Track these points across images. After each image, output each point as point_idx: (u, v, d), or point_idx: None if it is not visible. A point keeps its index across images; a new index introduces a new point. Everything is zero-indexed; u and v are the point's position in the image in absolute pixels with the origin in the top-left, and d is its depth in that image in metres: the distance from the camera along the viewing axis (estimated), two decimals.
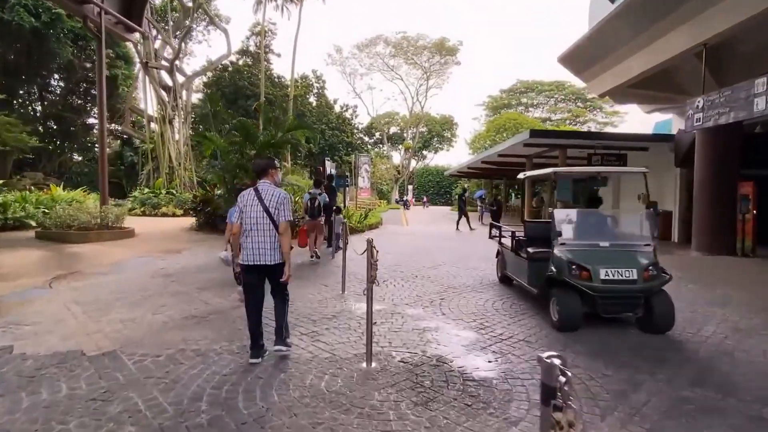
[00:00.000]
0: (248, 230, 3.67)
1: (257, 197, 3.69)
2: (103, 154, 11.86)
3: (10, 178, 29.29)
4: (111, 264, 8.36)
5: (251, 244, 3.65)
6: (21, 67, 28.03)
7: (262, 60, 27.62)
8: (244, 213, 3.71)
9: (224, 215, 13.50)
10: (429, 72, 46.26)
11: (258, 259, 3.64)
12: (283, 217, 3.70)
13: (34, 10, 25.01)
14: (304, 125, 13.63)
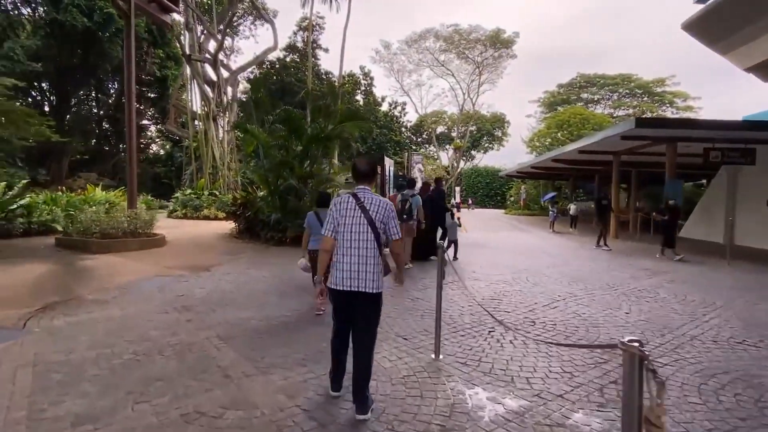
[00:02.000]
0: (344, 247, 2.89)
1: (359, 207, 2.91)
2: (131, 149, 10.18)
3: (67, 178, 29.39)
4: (120, 286, 6.44)
5: (347, 265, 2.86)
6: (75, 69, 27.77)
7: (309, 55, 25.88)
8: (342, 226, 2.92)
9: (266, 220, 11.61)
10: (481, 66, 43.16)
11: (355, 285, 2.84)
12: (394, 235, 2.99)
13: (87, 11, 24.51)
14: (357, 116, 11.44)
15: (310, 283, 6.85)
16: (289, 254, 9.55)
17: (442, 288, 4.09)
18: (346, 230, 2.89)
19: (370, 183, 3.08)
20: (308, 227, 5.45)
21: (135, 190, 10.58)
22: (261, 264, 8.36)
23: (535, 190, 35.66)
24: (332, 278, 2.92)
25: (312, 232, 5.39)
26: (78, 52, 26.73)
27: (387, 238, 3.01)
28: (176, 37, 21.41)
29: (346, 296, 2.87)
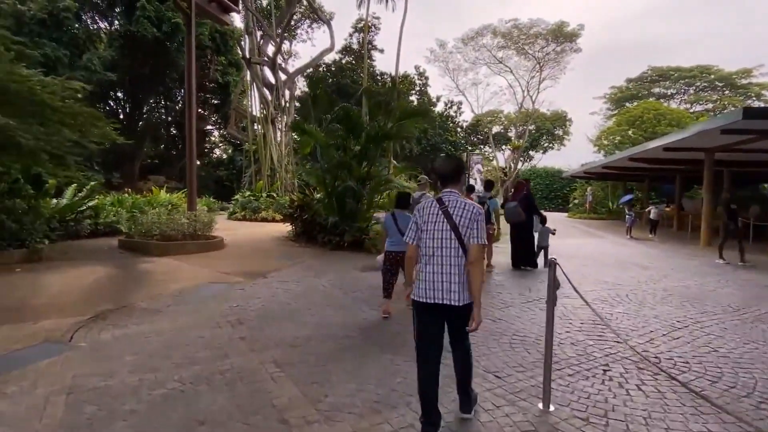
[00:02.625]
0: (428, 255, 2.61)
1: (443, 212, 2.59)
2: (191, 151, 10.02)
3: (137, 181, 31.03)
4: (174, 293, 6.04)
5: (431, 276, 2.58)
6: (146, 77, 29.18)
7: (365, 56, 25.42)
8: (425, 232, 2.64)
9: (324, 223, 11.08)
10: (542, 62, 40.88)
11: (439, 296, 2.56)
12: (476, 239, 2.56)
13: (157, 21, 25.60)
14: (418, 112, 10.64)
15: (371, 294, 6.14)
16: (347, 260, 8.92)
17: (553, 311, 3.15)
18: (428, 237, 2.64)
19: (456, 185, 2.74)
20: (384, 228, 5.42)
21: (195, 192, 10.43)
22: (319, 271, 7.76)
23: (602, 192, 33.06)
24: (416, 289, 2.67)
25: (388, 234, 5.36)
26: (148, 62, 28.07)
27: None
28: (237, 41, 21.73)
29: (430, 309, 2.63)
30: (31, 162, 9.22)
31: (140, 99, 31.87)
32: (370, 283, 6.82)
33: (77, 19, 23.63)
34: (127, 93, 31.24)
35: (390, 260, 5.41)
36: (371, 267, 8.01)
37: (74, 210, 10.30)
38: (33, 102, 8.20)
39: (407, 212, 5.66)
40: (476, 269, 2.56)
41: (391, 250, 5.38)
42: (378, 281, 6.90)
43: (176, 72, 29.54)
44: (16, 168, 8.70)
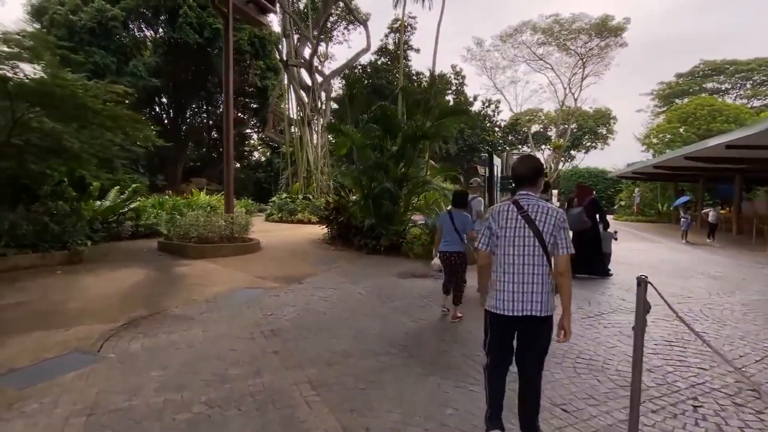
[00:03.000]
0: (506, 263, 2.42)
1: (523, 217, 2.40)
2: (228, 152, 9.93)
3: (180, 183, 31.97)
4: (208, 299, 5.82)
5: (509, 285, 2.39)
6: (189, 83, 30.01)
7: (401, 56, 25.09)
8: (503, 239, 2.44)
9: (360, 226, 10.74)
10: (585, 58, 39.14)
11: (519, 308, 2.37)
12: (564, 248, 2.40)
13: (198, 27, 26.23)
14: (457, 110, 10.12)
15: (410, 303, 5.70)
16: (384, 265, 8.51)
17: (642, 339, 2.60)
18: (507, 244, 2.45)
19: (533, 187, 2.53)
20: (439, 228, 5.25)
21: (231, 195, 10.34)
22: (355, 276, 7.39)
23: (650, 194, 31.15)
24: (491, 300, 2.50)
25: (443, 233, 5.16)
26: (191, 68, 28.86)
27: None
28: (274, 45, 21.82)
29: (508, 321, 2.45)
30: (75, 165, 9.42)
31: (183, 104, 32.84)
32: (409, 291, 6.39)
33: (124, 27, 24.51)
34: (171, 98, 32.24)
35: (444, 261, 5.19)
36: (410, 273, 7.58)
37: (116, 212, 10.46)
38: (76, 106, 8.31)
39: (464, 212, 5.39)
40: (567, 280, 2.45)
41: (445, 250, 5.15)
42: (417, 289, 6.48)
43: (217, 77, 30.21)
44: (60, 171, 8.87)
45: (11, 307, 5.12)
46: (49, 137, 8.53)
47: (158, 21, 26.83)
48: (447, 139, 10.56)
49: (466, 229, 5.13)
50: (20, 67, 7.84)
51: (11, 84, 7.33)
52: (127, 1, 24.00)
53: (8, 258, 6.74)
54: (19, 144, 8.21)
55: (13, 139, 8.05)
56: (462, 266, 5.18)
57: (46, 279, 6.43)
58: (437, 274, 6.46)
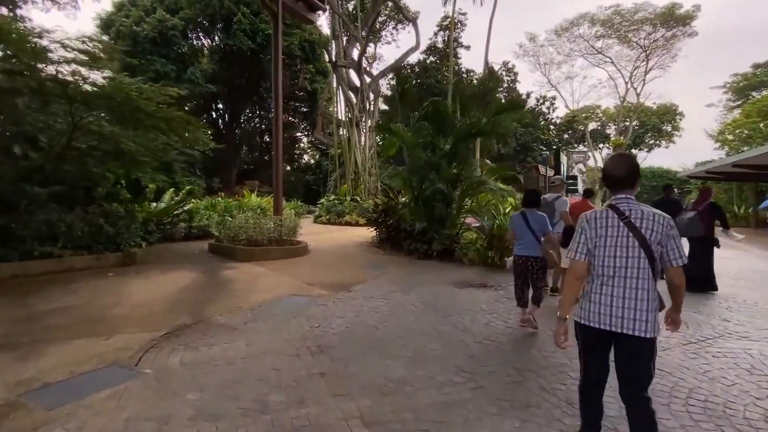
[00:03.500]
0: (605, 275, 2.22)
1: (626, 224, 2.18)
2: (278, 151, 9.71)
3: (235, 186, 32.92)
4: (254, 306, 5.46)
5: (607, 298, 2.19)
6: (242, 88, 30.79)
7: (451, 54, 24.23)
8: (601, 248, 2.23)
9: (410, 230, 10.13)
10: (649, 50, 36.30)
11: (617, 324, 2.14)
12: (677, 259, 2.17)
13: (251, 33, 26.79)
14: (515, 105, 9.28)
15: (473, 319, 5.02)
16: (437, 271, 7.87)
17: None
18: (607, 254, 2.23)
19: (632, 190, 2.31)
20: (512, 229, 4.94)
21: (280, 196, 10.12)
22: (407, 284, 6.81)
23: (725, 195, 28.23)
24: (584, 312, 2.30)
25: (517, 236, 4.82)
26: (244, 74, 29.58)
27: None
28: (323, 45, 21.72)
29: (602, 336, 2.24)
30: (132, 168, 9.54)
31: (237, 109, 33.83)
32: (468, 304, 5.72)
33: (183, 36, 25.45)
34: (226, 104, 33.29)
35: (519, 267, 4.80)
36: (466, 282, 6.91)
37: (170, 213, 10.55)
38: (131, 108, 8.37)
39: (539, 211, 4.85)
40: (682, 291, 2.29)
41: (521, 254, 4.76)
42: (478, 302, 5.80)
43: (269, 82, 30.69)
44: (118, 173, 8.99)
45: (59, 311, 5.00)
46: (108, 140, 8.69)
47: (214, 29, 27.68)
48: (503, 137, 9.73)
49: (544, 231, 4.63)
50: (80, 72, 7.99)
51: (70, 88, 7.42)
52: (186, 11, 24.91)
53: (64, 259, 6.78)
54: (80, 147, 8.40)
55: (75, 142, 8.23)
56: (540, 272, 4.72)
57: (98, 281, 6.37)
58: (497, 285, 6.13)
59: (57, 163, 8.06)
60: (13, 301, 5.24)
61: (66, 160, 8.52)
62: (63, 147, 7.93)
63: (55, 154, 8.03)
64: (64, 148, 7.95)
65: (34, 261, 6.45)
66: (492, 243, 8.46)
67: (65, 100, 7.66)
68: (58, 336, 4.29)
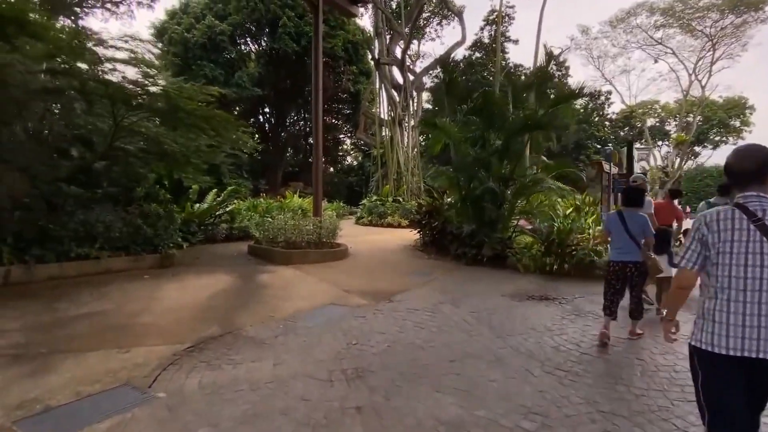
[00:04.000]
0: (734, 288, 1.82)
1: (757, 226, 1.79)
2: (318, 150, 9.29)
3: (280, 187, 33.32)
4: (287, 317, 4.93)
5: (738, 318, 1.79)
6: (288, 91, 31.05)
7: (498, 49, 23.06)
8: (726, 255, 1.84)
9: (456, 233, 9.33)
10: (715, 39, 33.15)
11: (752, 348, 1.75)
12: None
13: (296, 36, 26.88)
14: (577, 94, 8.28)
15: (538, 342, 4.18)
16: (489, 280, 7.05)
17: None
18: (735, 263, 1.81)
19: (763, 186, 1.87)
20: (606, 230, 4.47)
21: (320, 197, 9.66)
22: (456, 294, 6.06)
23: None
24: (706, 335, 1.86)
25: (613, 239, 4.31)
26: (289, 77, 29.79)
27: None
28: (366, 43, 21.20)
29: (733, 366, 1.79)
30: (175, 168, 9.42)
31: (283, 112, 34.19)
32: (530, 320, 4.90)
33: (231, 41, 25.90)
34: (272, 107, 33.74)
35: (614, 273, 4.28)
36: (524, 293, 6.06)
37: (211, 214, 10.38)
38: (171, 108, 8.20)
39: (641, 211, 4.30)
40: None
41: (617, 260, 4.26)
42: (540, 317, 4.97)
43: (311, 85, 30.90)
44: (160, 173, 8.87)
45: (86, 318, 4.70)
46: (152, 141, 8.59)
47: (260, 33, 28.01)
48: (562, 130, 8.74)
49: (646, 234, 4.09)
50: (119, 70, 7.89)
51: (111, 87, 7.29)
52: (234, 17, 25.33)
53: (101, 261, 6.60)
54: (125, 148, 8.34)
55: (119, 142, 8.17)
56: (640, 279, 4.20)
57: (131, 284, 6.11)
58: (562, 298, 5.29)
59: (101, 163, 8.01)
60: (42, 306, 5.02)
61: (111, 160, 8.49)
62: (106, 147, 7.85)
63: (99, 155, 7.98)
64: (108, 148, 7.87)
65: (71, 262, 6.29)
66: (550, 248, 7.53)
67: (107, 99, 7.58)
68: (77, 347, 3.94)
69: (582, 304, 5.56)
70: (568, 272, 7.44)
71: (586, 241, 7.47)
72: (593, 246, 7.32)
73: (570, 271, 7.43)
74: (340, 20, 28.62)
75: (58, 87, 6.91)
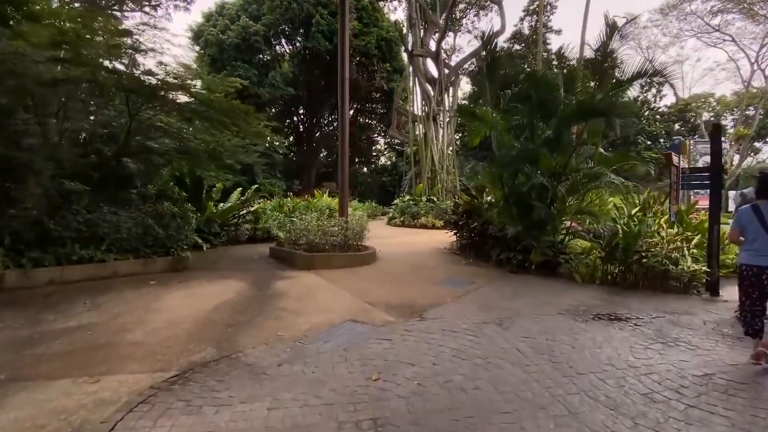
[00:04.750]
0: None
1: None
2: (344, 144, 8.45)
3: (314, 187, 32.99)
4: (297, 337, 4.05)
5: None
6: (320, 91, 30.59)
7: (540, 41, 21.50)
8: None
9: (499, 235, 8.17)
10: None
11: None
12: None
13: (328, 34, 26.31)
14: (647, 71, 6.98)
15: (618, 386, 3.06)
16: (541, 292, 5.91)
17: None
18: None
19: None
20: (738, 228, 3.61)
21: (346, 196, 8.82)
22: (503, 311, 4.98)
23: None
24: None
25: (747, 237, 3.54)
26: (323, 76, 29.29)
27: None
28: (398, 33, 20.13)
29: None
30: (196, 165, 8.85)
31: (317, 113, 33.80)
32: (604, 350, 3.77)
33: (265, 42, 25.64)
34: (306, 108, 33.41)
35: (748, 279, 3.53)
36: (587, 310, 4.93)
37: (234, 214, 9.75)
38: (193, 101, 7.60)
39: None
40: None
41: (752, 263, 3.49)
42: (615, 345, 3.82)
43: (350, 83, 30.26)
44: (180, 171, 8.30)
45: (66, 333, 4.01)
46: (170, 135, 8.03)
47: (294, 33, 27.64)
48: (626, 117, 7.46)
49: None
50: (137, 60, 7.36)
51: (124, 76, 6.73)
52: (268, 17, 25.05)
53: (107, 264, 6.00)
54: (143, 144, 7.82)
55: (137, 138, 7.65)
56: None
57: (134, 291, 5.45)
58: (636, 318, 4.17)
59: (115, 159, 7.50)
60: (27, 317, 4.39)
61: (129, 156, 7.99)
62: (122, 143, 7.32)
63: (116, 151, 7.47)
64: (124, 144, 7.34)
65: (75, 265, 5.71)
66: (614, 254, 6.31)
67: (122, 91, 7.03)
68: (43, 372, 3.23)
69: (665, 328, 4.36)
70: (635, 283, 6.20)
71: (657, 245, 6.20)
72: (667, 252, 6.04)
73: (638, 281, 6.18)
74: (373, 17, 27.86)
75: (68, 76, 6.38)
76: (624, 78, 6.94)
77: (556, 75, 8.10)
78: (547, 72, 8.17)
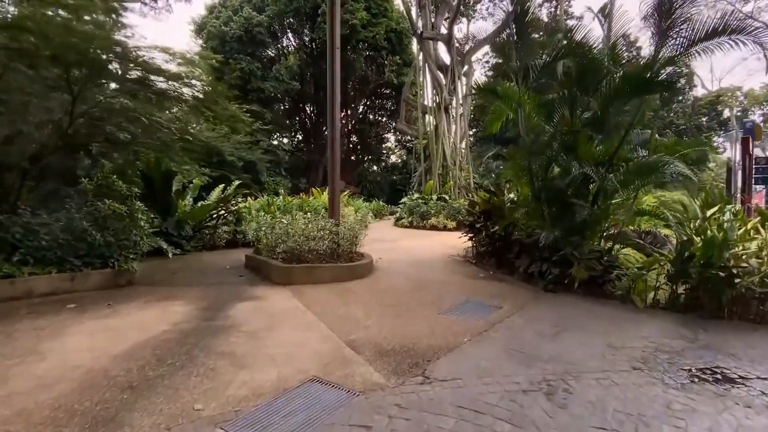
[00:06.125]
0: None
1: None
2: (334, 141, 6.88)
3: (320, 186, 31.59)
4: (219, 420, 2.48)
5: None
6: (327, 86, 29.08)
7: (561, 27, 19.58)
8: None
9: (527, 242, 6.19)
10: None
11: None
12: None
13: None
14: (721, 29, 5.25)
15: None
16: (594, 325, 4.20)
17: None
18: None
19: None
20: None
21: (337, 194, 7.28)
22: (548, 367, 3.29)
23: None
24: None
25: None
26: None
27: None
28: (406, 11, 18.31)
29: None
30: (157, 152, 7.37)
31: (324, 110, 32.32)
32: None
33: (269, 33, 24.23)
34: (313, 105, 32.00)
35: None
36: (673, 358, 3.24)
37: (210, 213, 8.25)
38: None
39: None
40: None
41: None
42: None
43: (355, 78, 28.74)
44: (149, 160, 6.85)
45: None
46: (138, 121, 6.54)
47: (300, 24, 26.22)
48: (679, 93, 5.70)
49: None
50: None
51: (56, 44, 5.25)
52: (272, 7, 23.64)
53: (17, 280, 4.52)
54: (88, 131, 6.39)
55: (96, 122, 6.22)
56: None
57: (34, 321, 3.96)
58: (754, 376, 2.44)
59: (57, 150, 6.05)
60: None
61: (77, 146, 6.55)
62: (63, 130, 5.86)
63: (56, 139, 6.02)
64: (65, 131, 5.88)
65: None
66: (687, 270, 4.58)
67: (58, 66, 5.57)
68: None
69: None
70: (717, 309, 4.48)
71: (749, 258, 4.47)
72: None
73: (722, 307, 4.47)
74: (382, 6, 26.22)
75: None
76: (695, 36, 5.20)
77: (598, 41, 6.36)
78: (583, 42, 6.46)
